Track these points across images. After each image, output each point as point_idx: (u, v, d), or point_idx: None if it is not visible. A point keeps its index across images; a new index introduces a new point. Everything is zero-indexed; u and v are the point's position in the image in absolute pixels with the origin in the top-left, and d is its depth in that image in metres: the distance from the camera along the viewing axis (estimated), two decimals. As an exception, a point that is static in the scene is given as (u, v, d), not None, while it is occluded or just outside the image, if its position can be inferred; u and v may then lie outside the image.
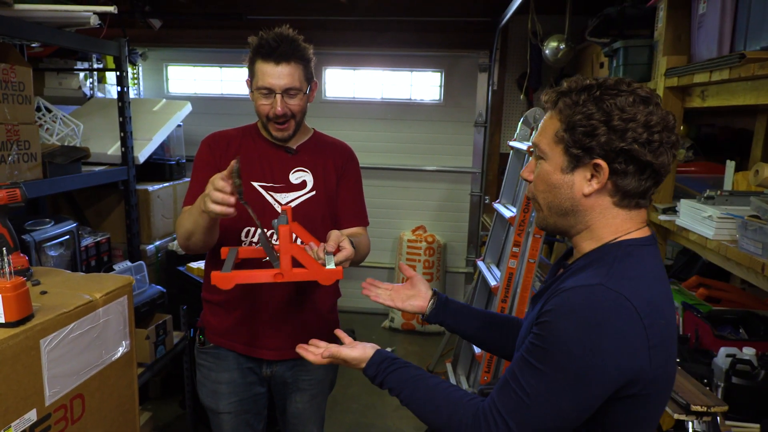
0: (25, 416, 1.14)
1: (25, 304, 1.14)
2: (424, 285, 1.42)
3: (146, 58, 4.77)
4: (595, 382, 0.93)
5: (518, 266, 2.54)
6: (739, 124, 2.65)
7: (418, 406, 1.12)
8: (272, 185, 1.70)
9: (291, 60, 1.58)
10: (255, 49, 1.61)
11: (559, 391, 0.94)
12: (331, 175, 1.76)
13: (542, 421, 0.96)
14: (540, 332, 0.97)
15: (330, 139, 1.85)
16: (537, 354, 0.96)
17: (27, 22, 2.15)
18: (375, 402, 3.44)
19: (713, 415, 1.60)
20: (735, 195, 1.85)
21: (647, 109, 0.96)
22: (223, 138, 1.76)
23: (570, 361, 0.93)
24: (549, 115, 1.05)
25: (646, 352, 0.93)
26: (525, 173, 1.14)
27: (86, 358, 1.32)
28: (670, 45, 2.16)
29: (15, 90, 2.12)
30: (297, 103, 1.64)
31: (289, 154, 1.73)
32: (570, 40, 3.77)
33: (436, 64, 4.61)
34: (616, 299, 0.92)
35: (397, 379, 1.16)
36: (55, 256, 2.44)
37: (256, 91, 1.62)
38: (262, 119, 1.66)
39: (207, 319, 1.81)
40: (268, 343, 1.75)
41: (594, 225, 1.04)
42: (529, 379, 0.96)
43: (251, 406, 1.82)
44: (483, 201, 4.62)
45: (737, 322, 2.12)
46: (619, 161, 0.97)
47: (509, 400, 0.99)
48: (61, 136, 2.76)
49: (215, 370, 1.78)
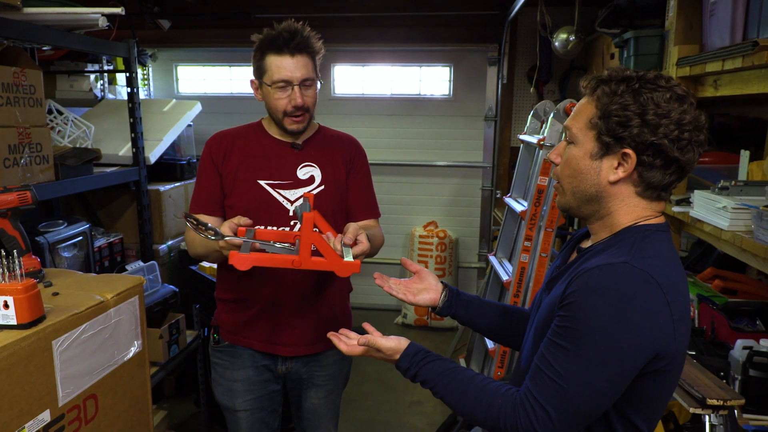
0: (39, 417, 1.15)
1: (36, 305, 1.15)
2: (433, 278, 1.41)
3: (156, 58, 4.80)
4: (629, 356, 0.95)
5: (530, 260, 2.52)
6: (753, 113, 2.60)
7: (454, 398, 1.12)
8: (280, 182, 1.69)
9: (304, 51, 1.60)
10: (266, 44, 1.60)
11: (595, 370, 0.95)
12: (340, 169, 1.75)
13: (580, 402, 0.97)
14: (567, 313, 0.98)
15: (336, 132, 1.84)
16: (567, 336, 0.97)
17: (35, 26, 2.16)
18: (389, 399, 3.44)
19: (730, 409, 1.58)
20: (750, 185, 1.82)
21: (681, 107, 0.98)
22: (225, 137, 1.74)
23: (603, 337, 0.94)
24: (586, 100, 1.07)
25: (671, 325, 0.96)
26: (553, 155, 1.15)
27: (98, 358, 1.33)
28: (682, 34, 2.13)
29: (26, 93, 2.14)
30: (312, 94, 1.65)
31: (295, 150, 1.72)
32: (580, 32, 3.73)
33: (444, 59, 4.59)
34: (642, 275, 0.95)
35: (431, 371, 1.16)
36: (69, 257, 2.46)
37: (272, 86, 1.61)
38: (278, 115, 1.65)
39: (221, 318, 1.81)
40: (284, 340, 1.74)
41: (615, 212, 1.07)
42: (562, 363, 0.97)
43: (267, 404, 1.82)
44: (494, 195, 4.59)
45: (754, 313, 2.09)
46: (647, 154, 0.99)
47: (544, 386, 0.99)
48: (73, 137, 2.78)
49: (230, 368, 1.78)
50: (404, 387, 3.57)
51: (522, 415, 1.01)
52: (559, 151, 1.14)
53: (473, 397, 1.09)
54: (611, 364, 0.94)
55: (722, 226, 1.73)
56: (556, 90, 4.35)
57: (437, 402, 3.40)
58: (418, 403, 3.41)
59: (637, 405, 1.02)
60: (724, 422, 1.59)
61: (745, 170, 2.12)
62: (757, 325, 2.05)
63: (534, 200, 2.45)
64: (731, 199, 1.73)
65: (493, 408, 1.05)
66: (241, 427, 1.82)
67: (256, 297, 1.71)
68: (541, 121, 2.79)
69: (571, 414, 0.97)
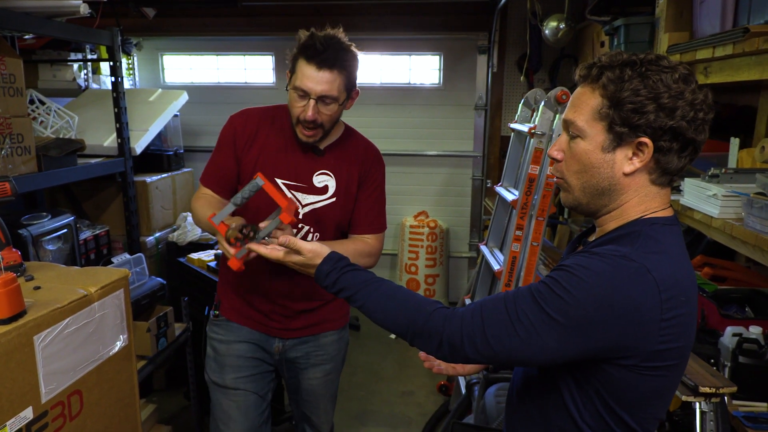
0: (21, 414, 1.12)
1: (16, 300, 1.12)
2: None
3: (141, 47, 4.72)
4: (594, 337, 0.93)
5: (521, 250, 2.51)
6: (743, 100, 2.60)
7: (377, 305, 1.11)
8: (296, 184, 1.68)
9: (334, 67, 1.53)
10: (301, 47, 1.56)
11: (554, 332, 0.94)
12: (354, 182, 1.74)
13: (521, 347, 0.96)
14: (556, 278, 0.96)
15: (360, 140, 1.81)
16: (547, 296, 0.95)
17: (15, 13, 2.11)
18: (380, 389, 3.44)
19: (722, 396, 1.59)
20: (740, 172, 1.82)
21: (690, 87, 0.95)
22: (251, 120, 1.71)
23: (578, 311, 0.92)
24: (587, 90, 1.00)
25: (656, 324, 0.93)
26: (554, 152, 1.07)
27: (83, 353, 1.30)
28: (672, 21, 2.11)
29: (6, 82, 2.09)
30: (330, 112, 1.59)
31: (316, 155, 1.70)
32: (570, 20, 3.71)
33: (434, 48, 4.55)
34: (638, 269, 0.92)
35: (354, 278, 1.14)
36: (54, 250, 2.42)
37: (293, 90, 1.58)
38: (293, 119, 1.62)
39: (224, 293, 1.84)
40: (280, 323, 1.78)
41: (627, 204, 1.03)
42: (527, 310, 0.96)
43: (256, 386, 1.81)
44: (485, 185, 4.58)
45: (743, 300, 2.10)
46: (665, 139, 0.95)
47: (498, 317, 0.98)
48: (56, 128, 2.73)
49: (225, 341, 1.80)
50: (396, 377, 3.57)
51: (455, 322, 1.01)
52: (560, 147, 1.06)
53: (400, 301, 1.08)
54: (572, 334, 0.93)
55: (712, 213, 1.73)
56: (546, 78, 4.33)
57: (429, 392, 3.41)
58: (410, 394, 3.41)
59: (622, 401, 0.99)
60: (714, 409, 1.59)
61: (735, 158, 2.12)
62: (747, 312, 2.06)
63: (525, 189, 2.43)
64: (721, 187, 1.73)
65: (420, 312, 1.05)
66: (223, 405, 1.80)
67: (251, 282, 1.74)
68: (532, 109, 2.77)
69: (503, 350, 0.97)
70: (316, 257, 1.20)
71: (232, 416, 1.79)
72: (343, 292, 1.15)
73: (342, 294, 1.15)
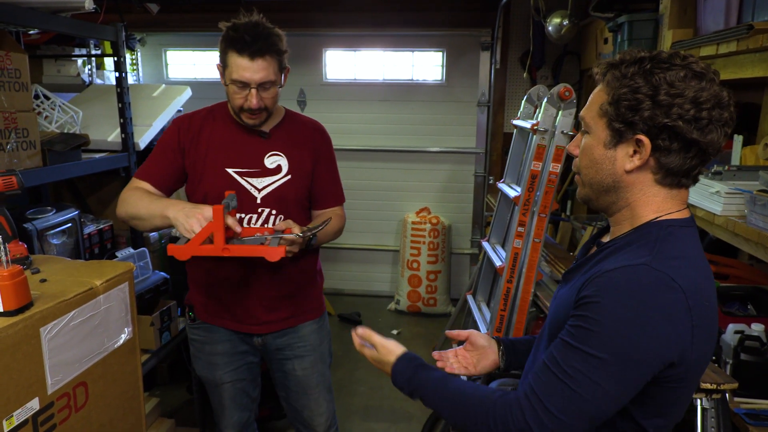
0: (27, 405, 1.13)
1: (23, 292, 1.13)
2: (484, 338, 1.36)
3: (145, 43, 4.73)
4: (644, 362, 0.90)
5: (523, 246, 2.52)
6: (746, 97, 2.60)
7: (448, 410, 1.07)
8: (247, 170, 1.72)
9: (266, 54, 1.58)
10: (228, 41, 1.59)
11: (606, 373, 0.90)
12: (306, 158, 1.78)
13: (587, 405, 0.92)
14: (583, 313, 0.93)
15: (302, 118, 1.86)
16: (581, 336, 0.92)
17: (20, 8, 2.11)
18: (382, 384, 3.45)
19: (723, 393, 1.59)
20: (743, 170, 1.82)
21: (699, 85, 0.92)
22: (193, 121, 1.76)
23: (618, 341, 0.89)
24: (598, 87, 1.02)
25: (689, 331, 0.91)
26: (571, 147, 1.10)
27: (88, 345, 1.31)
28: (676, 18, 2.12)
29: (11, 77, 2.10)
30: (271, 95, 1.65)
31: (263, 138, 1.74)
32: (573, 16, 3.70)
33: (437, 44, 4.55)
34: (662, 278, 0.90)
35: (425, 381, 1.13)
36: (58, 245, 2.43)
37: (231, 84, 1.61)
38: (235, 109, 1.67)
39: (195, 298, 1.86)
40: (255, 319, 1.81)
41: (635, 203, 1.01)
42: (573, 363, 0.92)
43: (246, 375, 1.90)
44: (487, 181, 4.58)
45: (745, 298, 2.10)
46: (662, 137, 0.94)
47: (549, 384, 0.94)
48: (60, 123, 2.74)
49: (208, 342, 1.85)
50: (397, 373, 3.56)
51: (517, 412, 0.95)
52: (576, 143, 1.08)
53: (467, 405, 1.04)
54: (623, 368, 0.90)
55: (715, 210, 1.73)
56: (549, 75, 4.33)
57: (430, 387, 3.41)
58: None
59: (649, 411, 0.98)
60: (716, 406, 1.60)
61: (738, 155, 2.12)
62: (749, 310, 2.06)
63: (527, 186, 2.44)
64: (724, 184, 1.73)
65: (487, 416, 0.99)
66: (224, 398, 1.89)
67: (223, 280, 1.77)
68: (535, 106, 2.77)
69: (574, 416, 0.92)
70: (389, 354, 1.20)
71: (226, 405, 1.90)
72: (415, 394, 1.14)
73: (414, 396, 1.14)
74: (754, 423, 1.61)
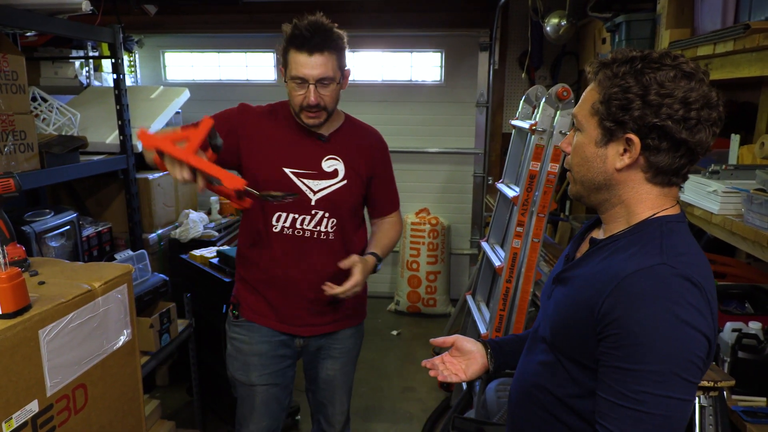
0: (27, 407, 1.14)
1: (21, 294, 1.13)
2: (471, 343, 1.34)
3: (143, 45, 4.73)
4: (696, 356, 0.89)
5: (522, 246, 2.52)
6: (743, 97, 2.60)
7: None
8: (304, 171, 1.71)
9: (325, 50, 1.58)
10: (288, 39, 1.60)
11: (670, 382, 0.88)
12: (362, 165, 1.78)
13: (668, 421, 0.89)
14: (618, 332, 0.91)
15: (361, 125, 1.87)
16: (627, 356, 0.90)
17: (17, 10, 2.12)
18: (383, 385, 3.45)
19: (720, 390, 1.60)
20: (740, 169, 1.82)
21: (688, 85, 0.92)
22: (256, 114, 1.76)
23: (665, 345, 0.88)
24: (590, 86, 1.03)
25: (713, 323, 0.92)
26: (563, 145, 1.11)
27: (87, 347, 1.32)
28: (673, 18, 2.12)
29: (8, 79, 2.10)
30: (330, 92, 1.64)
31: (322, 141, 1.74)
32: (571, 16, 3.70)
33: (436, 44, 4.55)
34: (680, 274, 0.90)
35: None
36: (56, 247, 2.43)
37: (290, 81, 1.62)
38: (296, 108, 1.67)
39: (242, 295, 1.86)
40: (300, 321, 1.81)
41: (629, 200, 1.02)
42: (633, 386, 0.89)
43: (280, 380, 1.88)
44: (486, 181, 4.59)
45: (743, 296, 2.10)
46: (652, 137, 0.94)
47: (627, 420, 0.90)
48: (58, 125, 2.74)
49: (248, 342, 1.84)
50: (398, 373, 3.58)
51: None
52: (569, 140, 1.09)
53: None
54: (683, 369, 0.88)
55: (713, 210, 1.73)
56: (547, 75, 4.33)
57: (431, 388, 3.42)
58: (412, 390, 3.42)
59: None
60: (713, 404, 1.60)
61: (735, 154, 2.12)
62: (746, 308, 2.07)
63: (526, 186, 2.44)
64: (721, 183, 1.73)
65: None
66: (256, 401, 1.86)
67: (274, 279, 1.77)
68: (533, 106, 2.77)
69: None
70: None
71: (257, 408, 1.87)
72: None
73: None
74: (751, 420, 1.62)
